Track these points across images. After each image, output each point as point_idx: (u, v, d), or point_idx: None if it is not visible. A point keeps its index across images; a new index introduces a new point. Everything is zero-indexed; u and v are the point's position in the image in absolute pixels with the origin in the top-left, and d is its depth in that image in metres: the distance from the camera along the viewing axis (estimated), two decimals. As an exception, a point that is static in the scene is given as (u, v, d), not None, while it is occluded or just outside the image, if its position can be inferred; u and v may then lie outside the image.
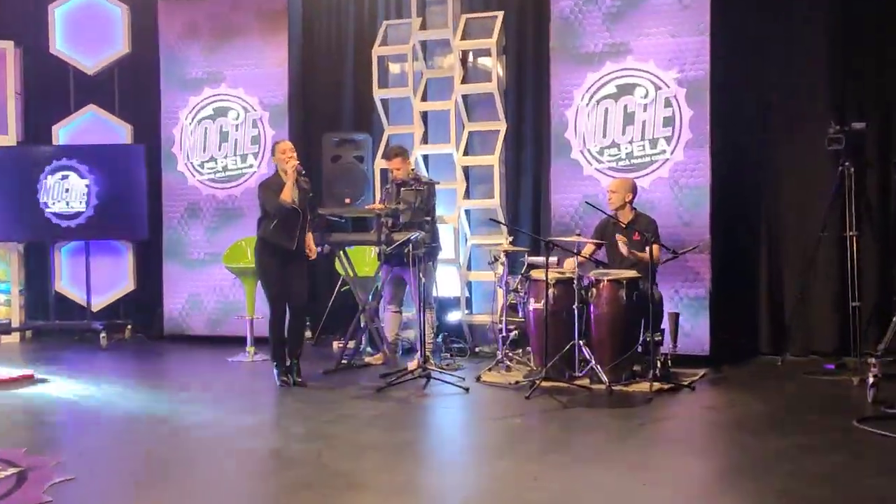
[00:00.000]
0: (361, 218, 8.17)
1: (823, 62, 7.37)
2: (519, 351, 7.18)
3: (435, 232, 7.31)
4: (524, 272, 6.98)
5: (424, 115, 8.45)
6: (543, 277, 6.42)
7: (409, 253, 6.68)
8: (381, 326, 7.48)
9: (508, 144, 8.21)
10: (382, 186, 7.93)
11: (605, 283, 6.43)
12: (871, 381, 5.77)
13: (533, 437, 5.34)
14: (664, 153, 7.35)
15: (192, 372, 7.74)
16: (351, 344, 7.42)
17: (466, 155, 8.20)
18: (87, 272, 9.13)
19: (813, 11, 7.42)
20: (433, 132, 8.45)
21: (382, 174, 8.15)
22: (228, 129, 8.88)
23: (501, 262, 7.13)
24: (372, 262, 7.94)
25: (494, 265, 7.23)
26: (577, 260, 6.50)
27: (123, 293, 9.38)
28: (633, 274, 6.48)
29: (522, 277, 6.95)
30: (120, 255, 9.39)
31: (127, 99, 9.44)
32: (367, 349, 7.76)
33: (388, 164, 7.44)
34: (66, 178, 9.10)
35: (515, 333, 7.13)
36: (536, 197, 8.25)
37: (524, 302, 6.81)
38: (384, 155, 7.70)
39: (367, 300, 7.38)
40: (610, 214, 6.87)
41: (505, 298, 7.14)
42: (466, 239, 8.22)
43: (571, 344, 6.33)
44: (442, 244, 7.54)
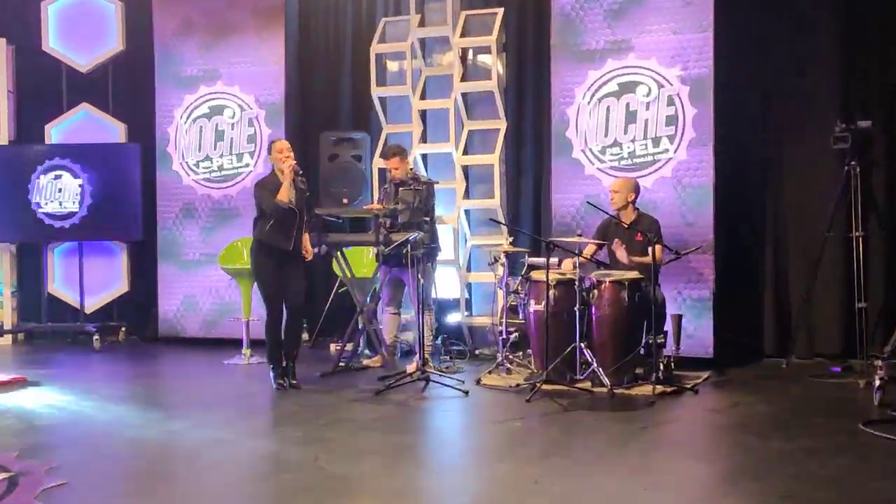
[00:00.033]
0: (359, 218, 8.17)
1: (829, 59, 7.37)
2: (519, 353, 7.18)
3: (434, 232, 7.32)
4: (525, 273, 6.98)
5: (423, 113, 8.44)
6: (544, 279, 6.42)
7: (407, 254, 6.68)
8: (379, 328, 7.48)
9: (508, 143, 8.21)
10: (381, 186, 7.94)
11: (606, 284, 6.43)
12: (877, 383, 5.78)
13: (533, 440, 5.34)
14: (667, 152, 7.35)
15: (187, 375, 7.74)
16: (349, 346, 7.43)
17: (466, 154, 8.20)
18: (80, 273, 9.13)
19: (817, 10, 7.42)
20: (432, 131, 8.45)
21: (381, 174, 8.15)
22: (224, 127, 8.88)
23: (501, 262, 7.12)
24: (370, 262, 7.95)
25: (494, 266, 7.22)
26: (577, 261, 6.50)
27: (117, 295, 9.39)
28: (635, 275, 6.48)
29: (523, 279, 6.94)
30: (114, 255, 9.39)
31: (121, 97, 9.45)
32: (365, 351, 7.76)
33: (385, 163, 7.45)
34: (59, 177, 9.10)
35: (516, 335, 7.12)
36: (537, 197, 8.25)
37: (525, 303, 6.81)
38: (382, 154, 7.70)
39: (364, 302, 7.38)
40: (612, 215, 6.87)
41: (505, 300, 7.13)
42: (466, 239, 8.22)
43: (573, 346, 6.33)
44: (441, 245, 7.54)
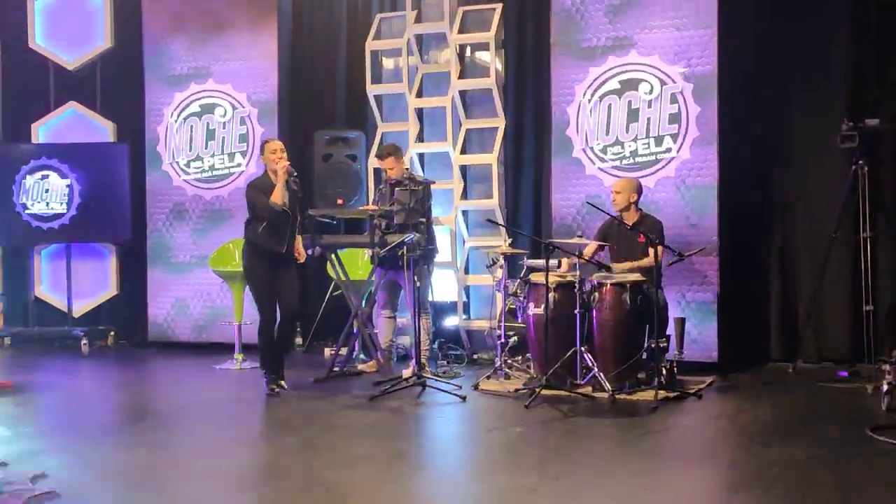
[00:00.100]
0: (354, 219, 8.20)
1: (836, 56, 7.38)
2: (518, 358, 7.20)
3: (431, 234, 7.33)
4: (524, 276, 6.99)
5: (420, 111, 8.46)
6: (544, 281, 6.43)
7: (403, 256, 6.70)
8: (374, 332, 7.49)
9: (507, 142, 8.23)
10: (376, 186, 7.96)
11: (607, 286, 6.45)
12: (885, 388, 5.79)
13: (532, 447, 5.35)
14: (670, 151, 7.37)
15: (177, 380, 7.75)
16: (343, 351, 7.44)
17: (464, 153, 8.22)
18: (68, 276, 9.15)
19: (824, 5, 7.44)
20: (429, 130, 8.47)
21: (376, 174, 8.16)
22: (215, 126, 8.89)
23: (500, 265, 7.14)
24: (365, 265, 7.97)
25: (493, 268, 7.25)
26: (576, 261, 6.52)
27: (106, 298, 9.40)
28: (637, 277, 6.49)
29: (522, 281, 6.96)
30: (102, 258, 9.40)
31: (109, 95, 9.47)
32: (360, 356, 7.77)
33: (380, 163, 7.46)
34: (45, 178, 9.12)
35: (515, 339, 7.14)
36: (537, 197, 8.27)
37: (524, 307, 6.82)
38: (377, 154, 7.72)
39: (360, 305, 7.40)
40: (614, 215, 6.89)
41: (504, 303, 7.15)
42: (464, 241, 8.24)
43: (573, 350, 6.35)
44: (438, 246, 7.54)
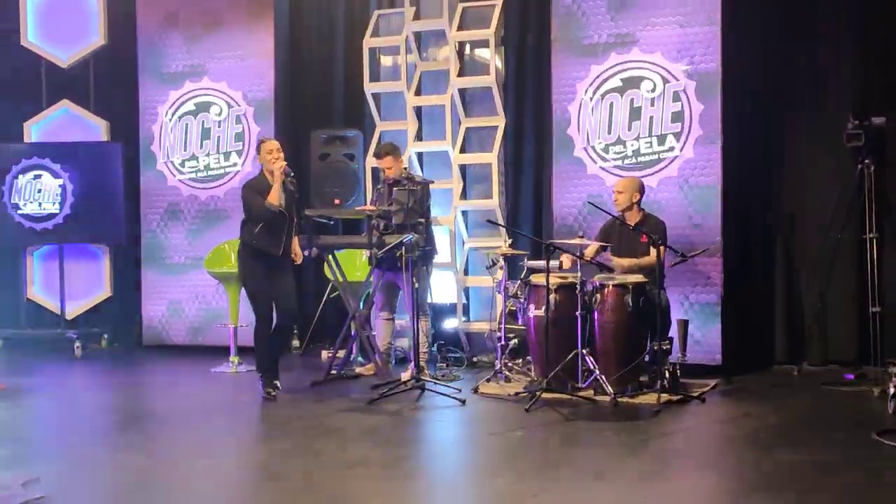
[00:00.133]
0: (352, 220, 8.18)
1: (842, 54, 7.37)
2: (519, 360, 7.17)
3: (429, 234, 7.32)
4: (524, 277, 6.98)
5: (418, 110, 8.44)
6: (544, 282, 6.42)
7: (402, 256, 6.69)
8: (372, 335, 7.48)
9: (507, 141, 8.22)
10: (374, 186, 7.94)
11: (609, 288, 6.43)
12: (891, 391, 5.79)
13: (533, 452, 5.34)
14: (673, 150, 7.36)
15: (172, 383, 7.73)
16: (341, 353, 7.42)
17: (463, 152, 8.21)
18: (60, 278, 9.13)
19: (830, 1, 7.42)
20: (428, 128, 8.46)
21: (374, 173, 8.15)
22: (211, 125, 8.87)
23: (500, 266, 7.13)
24: (363, 266, 7.95)
25: (493, 269, 7.23)
26: (574, 260, 6.51)
27: (99, 300, 9.38)
28: (639, 279, 6.48)
29: (522, 282, 6.95)
30: (96, 259, 9.38)
31: (103, 94, 9.44)
32: (357, 359, 7.75)
33: (378, 162, 7.45)
34: (38, 177, 9.10)
35: (515, 342, 7.12)
36: (537, 197, 8.25)
37: (524, 308, 6.81)
38: (375, 153, 7.71)
39: (357, 307, 7.38)
40: (616, 216, 6.87)
41: (504, 305, 7.14)
42: (463, 242, 8.22)
43: (574, 353, 6.33)
44: (437, 247, 7.53)
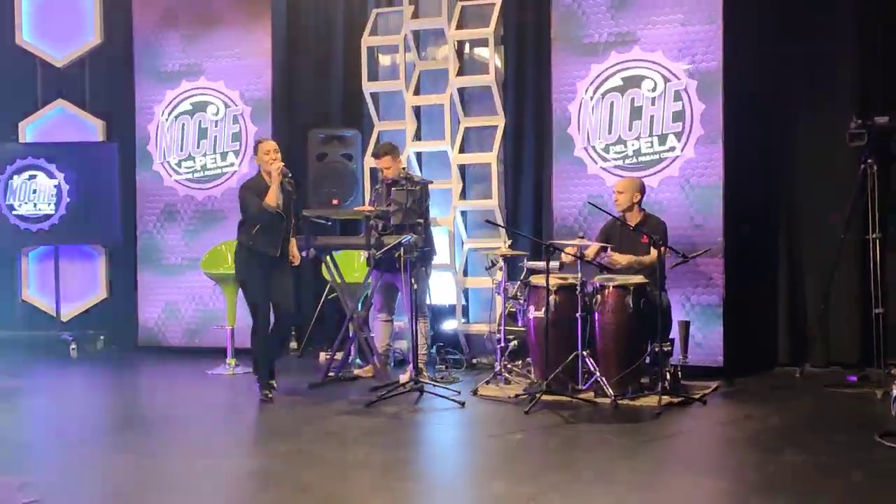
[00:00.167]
0: (350, 220, 8.18)
1: (845, 52, 7.36)
2: (518, 362, 7.18)
3: (428, 235, 7.33)
4: (524, 278, 7.00)
5: (417, 109, 8.46)
6: (544, 283, 6.44)
7: (400, 257, 6.69)
8: (370, 336, 7.49)
9: (507, 141, 8.23)
10: (372, 186, 7.95)
11: (610, 289, 6.45)
12: (894, 393, 5.78)
13: (532, 454, 5.35)
14: (674, 150, 7.37)
15: (168, 386, 7.74)
16: (339, 355, 7.43)
17: (462, 152, 8.22)
18: (56, 279, 9.13)
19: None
20: (426, 128, 8.47)
21: (372, 173, 8.16)
22: (207, 125, 8.89)
23: (500, 267, 7.14)
24: (361, 267, 7.96)
25: (492, 270, 7.24)
26: (579, 248, 6.55)
27: (95, 301, 9.39)
28: (640, 280, 6.49)
29: (522, 284, 6.96)
30: (91, 260, 9.40)
31: (99, 93, 9.45)
32: (355, 361, 7.77)
33: (376, 162, 7.46)
34: (33, 178, 9.11)
35: (515, 344, 7.13)
36: (537, 197, 8.26)
37: (524, 310, 6.83)
38: (373, 153, 7.72)
39: (355, 308, 7.39)
40: (616, 216, 6.89)
41: (503, 306, 7.15)
42: (462, 242, 8.23)
43: (574, 355, 6.34)
44: (436, 248, 7.54)
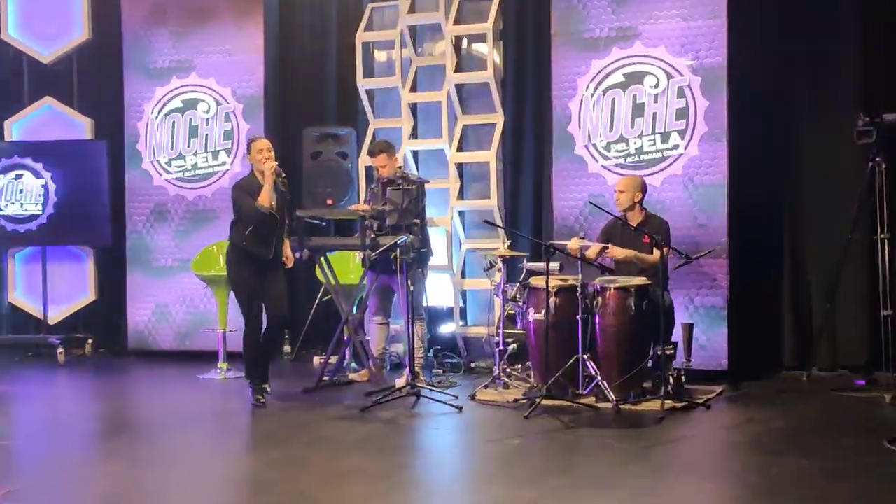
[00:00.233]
0: (344, 220, 8.20)
1: (851, 47, 7.39)
2: (518, 366, 7.20)
3: (425, 236, 7.34)
4: (523, 279, 7.00)
5: (414, 107, 8.48)
6: (544, 285, 6.45)
7: (396, 259, 6.70)
8: (366, 340, 7.50)
9: (506, 139, 8.24)
10: (367, 186, 7.97)
11: (611, 291, 6.46)
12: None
13: (531, 460, 5.36)
14: (677, 148, 7.38)
15: (158, 391, 7.75)
16: (333, 359, 7.44)
17: (460, 151, 8.23)
18: (43, 281, 9.14)
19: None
20: (423, 126, 8.48)
21: (367, 172, 8.18)
22: (198, 123, 8.89)
23: (498, 268, 7.15)
24: (356, 268, 7.97)
25: (491, 272, 7.25)
26: (581, 248, 6.57)
27: (83, 304, 9.39)
28: (642, 281, 6.51)
29: (521, 285, 6.97)
30: (80, 262, 9.40)
31: (87, 90, 9.46)
32: (350, 365, 7.78)
33: (372, 160, 7.47)
34: (19, 177, 9.12)
35: (514, 347, 7.14)
36: (537, 197, 8.27)
37: (523, 312, 6.84)
38: (369, 151, 7.72)
39: (350, 311, 7.40)
40: (617, 216, 6.90)
41: (502, 308, 7.16)
42: (460, 243, 8.25)
43: (575, 358, 6.36)
44: (433, 249, 7.55)
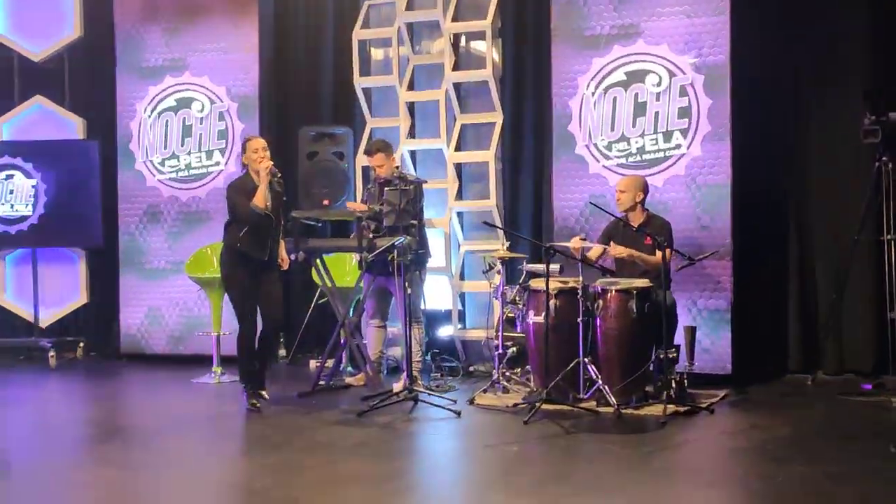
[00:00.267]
0: (341, 221, 8.18)
1: (857, 45, 7.38)
2: (517, 370, 7.18)
3: (423, 237, 7.33)
4: (523, 282, 7.00)
5: (411, 105, 8.46)
6: (544, 287, 6.43)
7: (393, 260, 6.69)
8: (362, 343, 7.49)
9: (505, 139, 8.24)
10: (364, 186, 7.96)
11: (612, 293, 6.44)
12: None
13: (531, 466, 5.34)
14: (679, 148, 7.37)
15: (151, 395, 7.73)
16: (329, 363, 7.43)
17: (458, 150, 8.22)
18: (34, 283, 9.13)
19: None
20: (421, 125, 8.48)
21: (364, 172, 8.16)
22: (192, 122, 8.88)
23: (498, 270, 7.15)
24: (353, 271, 7.97)
25: (490, 274, 7.24)
26: (582, 248, 6.56)
27: (75, 307, 9.39)
28: (644, 283, 6.49)
29: (521, 287, 6.96)
30: (71, 264, 9.39)
31: (78, 89, 9.45)
32: (347, 369, 7.78)
33: (369, 160, 7.46)
34: (10, 178, 9.11)
35: (513, 350, 7.14)
36: (537, 197, 8.27)
37: (523, 315, 6.83)
38: (365, 151, 7.72)
39: (347, 314, 7.39)
40: (619, 217, 6.89)
41: (501, 311, 7.15)
42: (459, 245, 8.23)
43: (576, 362, 6.35)
44: (431, 251, 7.54)
